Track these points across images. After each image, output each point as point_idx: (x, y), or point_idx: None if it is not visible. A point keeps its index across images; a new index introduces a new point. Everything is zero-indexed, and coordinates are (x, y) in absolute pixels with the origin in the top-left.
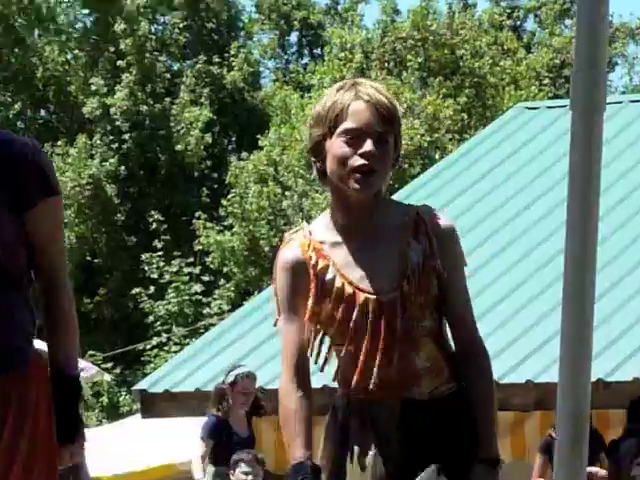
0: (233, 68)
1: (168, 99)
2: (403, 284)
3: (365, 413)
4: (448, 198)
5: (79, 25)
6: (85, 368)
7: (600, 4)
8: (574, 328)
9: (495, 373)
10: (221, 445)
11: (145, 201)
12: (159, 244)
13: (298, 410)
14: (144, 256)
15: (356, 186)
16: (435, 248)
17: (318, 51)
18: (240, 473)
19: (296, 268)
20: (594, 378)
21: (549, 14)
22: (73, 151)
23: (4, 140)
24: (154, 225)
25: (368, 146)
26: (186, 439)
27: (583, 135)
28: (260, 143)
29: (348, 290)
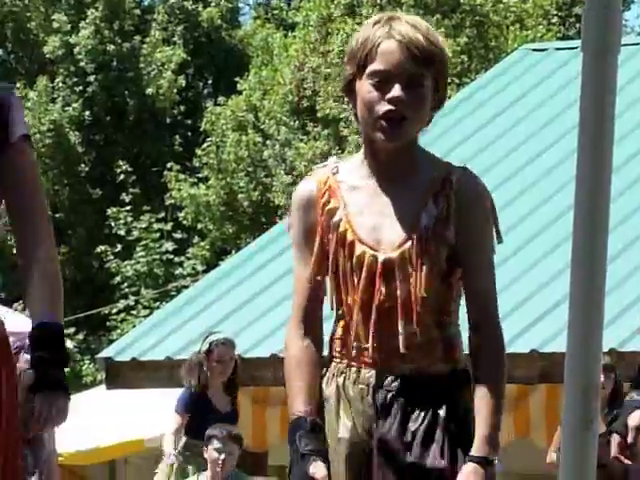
0: (209, 4)
1: (138, 38)
2: (406, 247)
3: (340, 382)
4: (449, 146)
5: None
6: None
7: None
8: (584, 293)
9: None
10: (197, 419)
11: (112, 150)
12: (127, 198)
13: (302, 360)
14: (110, 211)
15: (382, 135)
16: (452, 214)
17: None
18: (213, 450)
19: (306, 204)
20: (606, 348)
21: None
22: (33, 94)
23: None
24: (121, 176)
25: (396, 91)
26: (155, 412)
27: (595, 79)
28: (239, 87)
29: (349, 238)
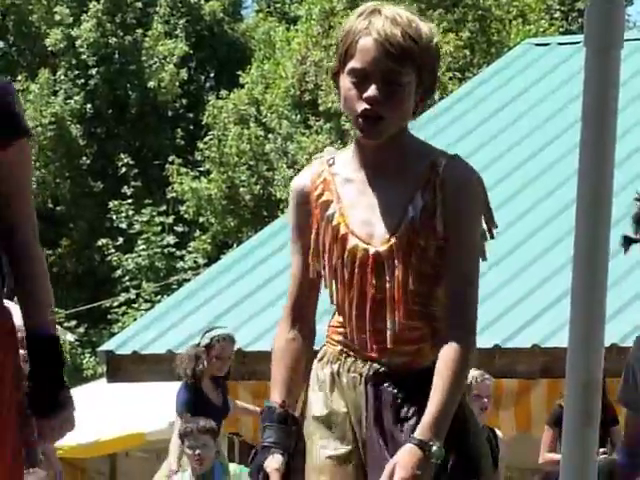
0: None
1: (140, 31)
2: (393, 240)
3: (335, 368)
4: (450, 141)
5: None
6: None
7: None
8: (586, 288)
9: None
10: (197, 414)
11: (113, 143)
12: (128, 191)
13: (285, 352)
14: (112, 204)
15: (360, 133)
16: (438, 205)
17: None
18: (187, 448)
19: (300, 197)
20: (607, 343)
21: None
22: (34, 87)
23: None
24: (123, 170)
25: (372, 90)
26: (156, 406)
27: (598, 75)
28: (241, 80)
29: (342, 231)
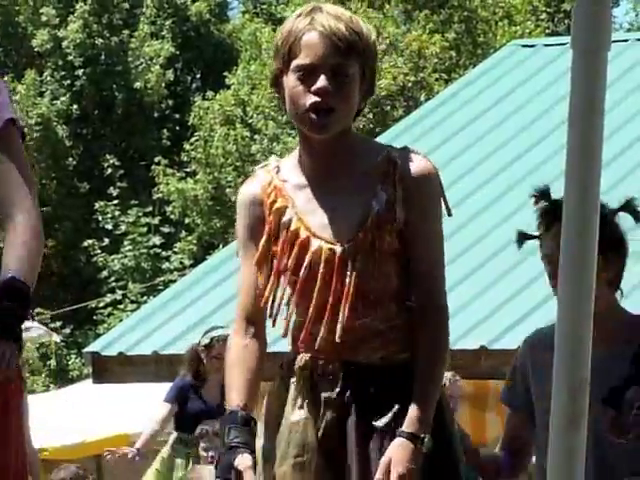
0: None
1: (126, 32)
2: (359, 236)
3: (306, 373)
4: (436, 143)
5: None
6: (31, 327)
7: None
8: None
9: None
10: (186, 412)
11: (99, 144)
12: (114, 191)
13: (240, 357)
14: (98, 204)
15: (311, 127)
16: (399, 197)
17: None
18: (201, 449)
19: (252, 206)
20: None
21: None
22: (21, 88)
23: None
24: (109, 170)
25: (322, 81)
26: (142, 407)
27: (585, 76)
28: (227, 81)
29: (302, 235)
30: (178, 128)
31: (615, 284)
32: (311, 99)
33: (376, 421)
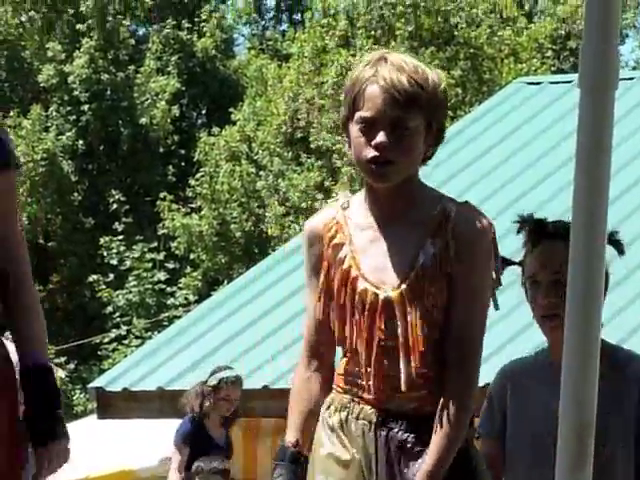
0: (204, 34)
1: (132, 67)
2: (403, 286)
3: (343, 416)
4: (442, 179)
5: None
6: None
7: None
8: (579, 334)
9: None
10: (197, 453)
11: (105, 179)
12: (120, 227)
13: (300, 392)
14: (103, 240)
15: (371, 178)
16: (452, 251)
17: (298, 17)
18: None
19: (312, 238)
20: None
21: None
22: (26, 123)
23: None
24: (114, 206)
25: (380, 137)
26: (147, 443)
27: (593, 115)
28: (233, 117)
29: (353, 274)
30: (183, 164)
31: None
32: (371, 152)
33: (405, 470)
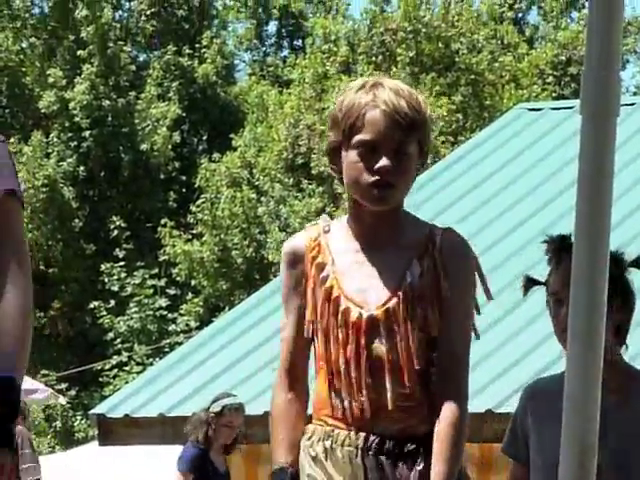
0: (205, 60)
1: (133, 93)
2: (390, 305)
3: (327, 445)
4: (443, 206)
5: (36, 10)
6: (37, 390)
7: None
8: (582, 355)
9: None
10: (200, 477)
11: (106, 205)
12: (120, 253)
13: (285, 412)
14: (104, 266)
15: (370, 202)
16: (440, 270)
17: (299, 43)
18: None
19: (294, 258)
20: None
21: (554, 6)
22: (27, 149)
23: None
24: (115, 232)
25: (384, 161)
26: (148, 469)
27: (595, 142)
28: (234, 143)
29: (335, 293)
30: (184, 190)
31: (621, 335)
32: (373, 177)
33: None
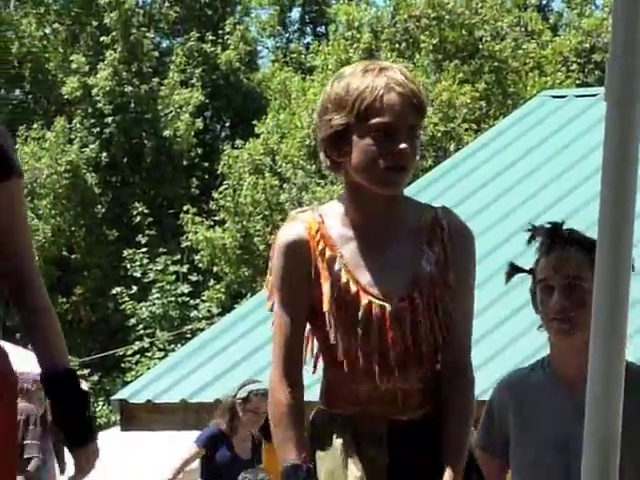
0: (228, 47)
1: (156, 80)
2: (414, 295)
3: (349, 431)
4: (465, 193)
5: None
6: None
7: None
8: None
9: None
10: (213, 460)
11: (128, 192)
12: (143, 239)
13: (291, 408)
14: (126, 252)
15: (384, 186)
16: (450, 259)
17: (322, 29)
18: None
19: (298, 249)
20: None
21: None
22: (50, 135)
23: None
24: (138, 218)
25: (403, 144)
26: (170, 455)
27: (619, 129)
28: (256, 130)
29: (353, 288)
30: (207, 176)
31: None
32: (389, 160)
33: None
